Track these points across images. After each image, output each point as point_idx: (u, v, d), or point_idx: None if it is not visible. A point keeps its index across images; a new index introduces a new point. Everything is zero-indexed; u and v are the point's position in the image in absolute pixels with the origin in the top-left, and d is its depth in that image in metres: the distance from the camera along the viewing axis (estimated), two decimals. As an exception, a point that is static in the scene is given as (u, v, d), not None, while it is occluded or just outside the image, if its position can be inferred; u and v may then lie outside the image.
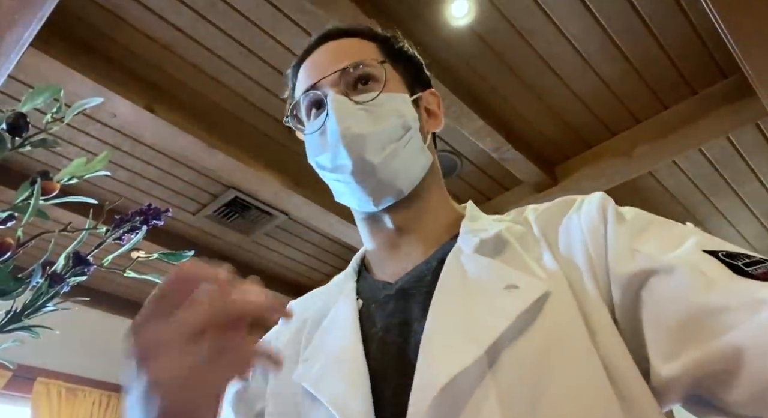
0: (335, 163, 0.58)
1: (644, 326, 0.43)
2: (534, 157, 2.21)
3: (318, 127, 0.59)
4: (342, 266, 2.82)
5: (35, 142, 0.59)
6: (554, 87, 1.96)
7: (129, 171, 2.39)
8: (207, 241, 2.89)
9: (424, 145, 0.61)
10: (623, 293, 0.44)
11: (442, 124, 0.66)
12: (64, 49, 1.73)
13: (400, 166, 0.58)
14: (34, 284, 0.56)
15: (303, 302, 0.67)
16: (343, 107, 0.57)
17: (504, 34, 1.77)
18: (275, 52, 1.86)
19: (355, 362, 0.48)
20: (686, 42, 1.78)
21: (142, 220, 0.63)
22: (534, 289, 0.45)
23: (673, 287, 0.42)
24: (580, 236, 0.49)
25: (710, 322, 0.39)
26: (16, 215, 0.59)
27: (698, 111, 1.96)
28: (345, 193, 0.61)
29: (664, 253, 0.44)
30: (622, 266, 0.45)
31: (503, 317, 0.43)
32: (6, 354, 0.60)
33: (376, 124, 0.57)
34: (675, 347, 0.40)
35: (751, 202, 2.50)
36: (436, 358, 0.43)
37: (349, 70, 0.59)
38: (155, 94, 1.95)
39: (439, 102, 0.67)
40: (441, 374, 0.41)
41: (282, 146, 2.24)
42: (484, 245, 0.52)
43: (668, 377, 0.40)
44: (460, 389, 0.41)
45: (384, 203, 0.58)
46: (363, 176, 0.56)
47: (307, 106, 0.62)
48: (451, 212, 0.63)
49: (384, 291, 0.55)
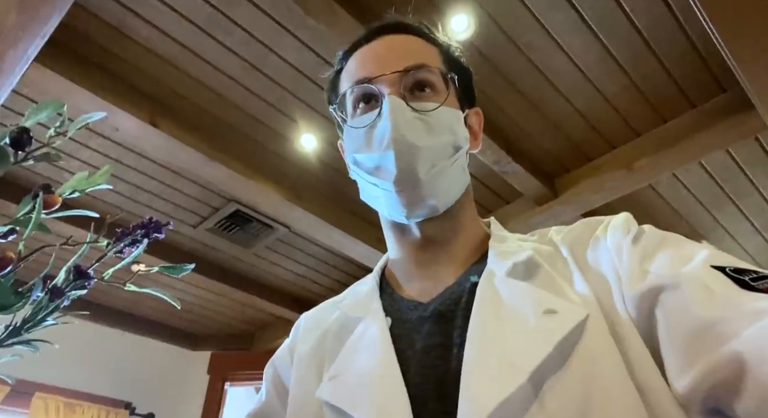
0: (378, 165, 0.55)
1: (660, 345, 0.42)
2: (534, 170, 2.22)
3: (366, 123, 0.56)
4: (343, 279, 2.83)
5: (38, 156, 0.60)
6: (554, 100, 1.98)
7: (130, 184, 2.39)
8: (208, 254, 2.89)
9: (466, 166, 0.60)
10: (638, 313, 0.44)
11: (479, 146, 0.64)
12: (68, 64, 1.74)
13: (442, 185, 0.56)
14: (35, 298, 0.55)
15: (317, 313, 0.65)
16: (400, 112, 0.54)
17: (504, 49, 1.79)
18: (277, 67, 1.87)
19: (393, 385, 0.46)
20: (685, 56, 1.79)
21: (143, 233, 0.63)
22: (573, 314, 0.44)
23: (680, 302, 0.41)
24: (608, 256, 0.49)
25: (713, 333, 0.39)
26: (17, 229, 0.60)
27: (697, 125, 1.97)
28: (378, 198, 0.58)
29: (672, 269, 0.44)
30: (633, 287, 0.44)
31: (544, 343, 0.42)
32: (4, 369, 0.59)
33: (431, 138, 0.54)
34: (685, 361, 0.40)
35: (752, 215, 2.50)
36: (480, 386, 0.42)
37: (411, 72, 0.56)
38: (157, 108, 1.97)
39: (481, 122, 0.65)
40: (486, 403, 0.40)
41: (283, 159, 2.25)
42: (517, 268, 0.51)
43: (682, 393, 0.40)
44: (507, 416, 0.40)
45: (416, 218, 0.57)
46: (405, 188, 0.54)
47: (355, 98, 0.58)
48: (479, 229, 0.61)
49: (416, 312, 0.53)
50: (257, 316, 3.46)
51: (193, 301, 3.30)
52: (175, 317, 3.54)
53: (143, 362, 3.49)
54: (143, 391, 3.39)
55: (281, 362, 0.63)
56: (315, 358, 0.56)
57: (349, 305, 0.59)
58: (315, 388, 0.51)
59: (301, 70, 1.88)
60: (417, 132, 0.54)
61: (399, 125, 0.53)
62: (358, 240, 2.51)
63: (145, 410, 3.36)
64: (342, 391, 0.48)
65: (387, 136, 0.53)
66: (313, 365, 0.55)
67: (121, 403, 3.27)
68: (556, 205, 2.30)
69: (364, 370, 0.49)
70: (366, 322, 0.54)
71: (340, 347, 0.54)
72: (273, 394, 0.61)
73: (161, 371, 3.55)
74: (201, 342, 3.75)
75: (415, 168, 0.53)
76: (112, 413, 3.19)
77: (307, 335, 0.61)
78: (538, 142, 2.16)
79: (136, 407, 3.33)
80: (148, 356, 3.53)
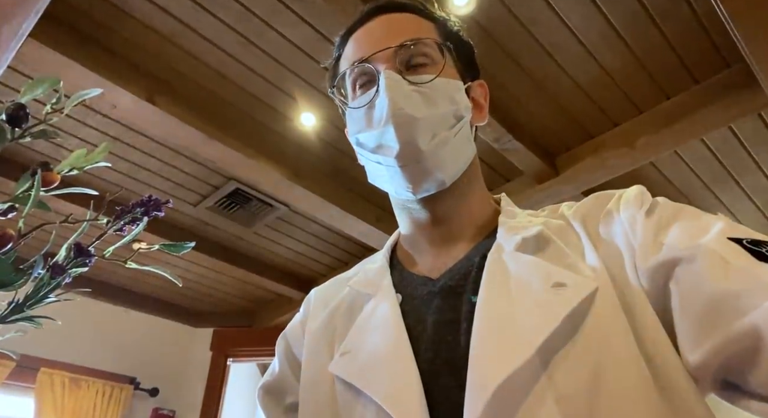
0: (380, 143, 0.55)
1: (674, 317, 0.42)
2: (535, 147, 2.21)
3: (365, 102, 0.56)
4: (342, 257, 2.85)
5: (35, 133, 0.59)
6: (556, 77, 1.95)
7: (129, 162, 2.39)
8: (208, 232, 2.90)
9: (471, 138, 0.59)
10: (652, 285, 0.44)
11: (486, 119, 0.64)
12: (64, 40, 1.72)
13: (447, 156, 0.55)
14: (36, 275, 0.56)
15: (327, 289, 0.65)
16: (397, 86, 0.54)
17: (505, 24, 1.76)
18: (275, 43, 1.85)
19: (404, 362, 0.46)
20: (689, 31, 1.76)
21: (143, 211, 0.63)
22: (582, 287, 0.44)
23: (695, 274, 0.41)
24: (620, 229, 0.48)
25: (731, 305, 0.38)
26: (17, 207, 0.60)
27: (701, 101, 1.95)
28: (383, 177, 0.58)
29: (687, 241, 0.43)
30: (647, 259, 0.44)
31: (552, 316, 0.42)
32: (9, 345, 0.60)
33: (430, 109, 0.54)
34: (700, 334, 0.40)
35: (753, 193, 2.49)
36: (488, 359, 0.42)
37: (407, 47, 0.55)
38: (155, 86, 1.95)
39: (486, 94, 0.64)
40: (494, 375, 0.40)
41: (283, 138, 2.24)
42: (526, 242, 0.51)
43: (695, 365, 0.40)
44: (515, 389, 0.40)
45: (423, 193, 0.56)
46: (408, 161, 0.54)
47: (353, 79, 0.58)
48: (488, 205, 0.61)
49: (426, 287, 0.53)
50: (258, 293, 3.49)
51: (195, 279, 3.32)
52: (177, 294, 3.57)
53: (147, 339, 3.53)
54: (147, 367, 3.45)
55: (293, 336, 0.64)
56: (326, 334, 0.56)
57: (359, 281, 0.59)
58: (327, 363, 0.52)
59: (300, 47, 1.86)
60: (415, 104, 0.54)
61: (396, 99, 0.53)
62: (358, 218, 2.51)
63: (150, 385, 3.41)
64: (354, 367, 0.48)
65: (385, 111, 0.53)
66: (324, 341, 0.56)
67: (125, 378, 3.33)
68: (557, 183, 2.30)
69: (375, 346, 0.49)
70: (377, 299, 0.54)
71: (351, 324, 0.55)
72: (286, 366, 0.62)
73: (165, 347, 3.60)
74: (203, 319, 3.79)
75: (415, 140, 0.53)
76: (117, 387, 3.24)
77: (317, 311, 0.61)
78: (539, 119, 2.15)
79: (141, 382, 3.38)
80: (152, 333, 3.57)
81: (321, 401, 0.51)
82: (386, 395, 0.44)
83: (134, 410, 3.33)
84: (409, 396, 0.43)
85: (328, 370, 0.50)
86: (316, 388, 0.52)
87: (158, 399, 3.44)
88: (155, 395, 3.43)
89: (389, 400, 0.43)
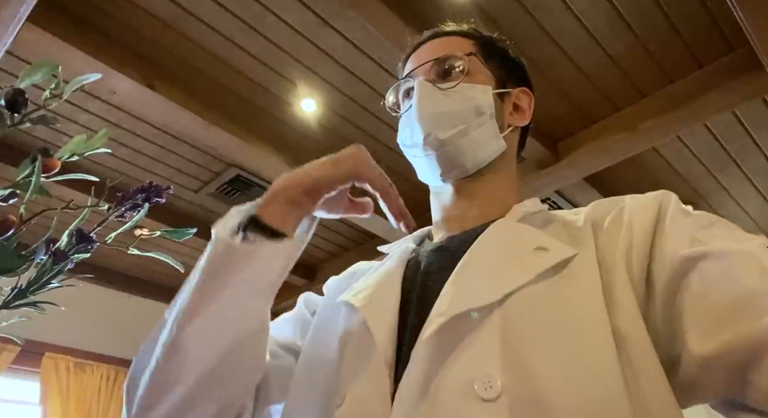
0: (412, 139, 0.64)
1: (685, 308, 0.42)
2: (537, 133, 2.20)
3: (406, 109, 0.66)
4: (344, 244, 2.86)
5: (34, 118, 0.59)
6: (559, 61, 1.94)
7: (130, 149, 2.38)
8: (209, 218, 2.89)
9: (498, 133, 0.65)
10: (671, 276, 0.44)
11: (527, 121, 0.71)
12: (63, 24, 1.70)
13: (467, 145, 0.62)
14: (39, 261, 0.56)
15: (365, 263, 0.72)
16: (426, 91, 0.63)
17: (508, 8, 1.74)
18: (276, 29, 1.83)
19: (391, 287, 0.54)
20: (693, 14, 1.74)
21: (144, 197, 0.63)
22: (561, 252, 0.49)
23: (726, 269, 0.42)
24: (626, 217, 0.50)
25: (755, 305, 0.38)
26: (18, 193, 0.60)
27: (704, 85, 1.93)
28: (421, 168, 0.66)
29: (723, 243, 0.44)
30: (677, 250, 0.45)
31: (526, 272, 0.47)
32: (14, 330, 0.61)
33: (451, 106, 0.63)
34: (716, 326, 0.40)
35: (756, 178, 2.48)
36: (455, 295, 0.47)
37: (440, 60, 0.65)
38: (155, 71, 1.93)
39: (530, 101, 0.72)
40: (454, 307, 0.45)
41: (283, 124, 2.23)
42: (527, 217, 0.57)
43: (701, 356, 0.40)
44: (468, 321, 0.45)
45: (449, 178, 0.64)
46: (431, 149, 0.62)
47: (403, 93, 0.69)
48: (514, 199, 0.65)
49: (431, 247, 0.61)
50: (260, 279, 3.50)
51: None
52: (180, 280, 3.57)
53: (150, 324, 3.50)
54: (151, 352, 3.48)
55: (310, 297, 0.69)
56: (342, 284, 0.64)
57: (389, 248, 0.68)
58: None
59: (300, 31, 1.84)
60: (439, 104, 0.63)
61: (423, 101, 0.63)
62: (360, 204, 2.51)
63: (153, 370, 3.45)
64: (357, 295, 0.55)
65: (414, 111, 0.63)
66: (339, 289, 0.63)
67: (130, 363, 3.35)
68: (559, 168, 2.29)
69: (377, 282, 0.57)
70: (390, 256, 0.63)
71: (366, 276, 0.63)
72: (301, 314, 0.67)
73: (168, 332, 3.63)
74: (206, 305, 3.81)
75: (437, 131, 0.62)
76: (122, 372, 3.27)
77: (343, 277, 0.69)
78: (541, 104, 2.12)
79: (145, 367, 3.42)
80: (155, 318, 3.55)
81: (327, 316, 0.59)
82: (365, 305, 0.52)
83: (139, 394, 3.37)
84: (384, 310, 0.51)
85: (338, 299, 0.57)
86: (325, 312, 0.61)
87: (162, 383, 3.48)
88: (159, 380, 3.47)
89: (372, 317, 0.51)
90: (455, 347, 0.44)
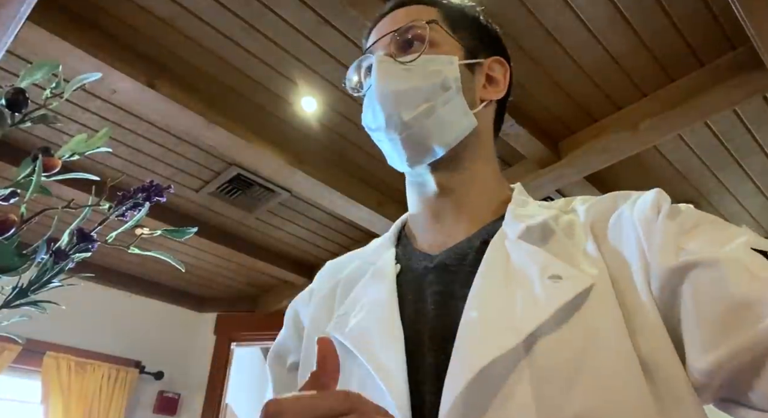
0: (374, 121, 0.59)
1: (682, 320, 0.42)
2: (537, 132, 2.19)
3: (366, 88, 0.60)
4: (344, 242, 2.85)
5: (35, 118, 0.59)
6: (560, 60, 1.93)
7: (131, 148, 2.38)
8: (210, 218, 2.90)
9: (468, 109, 0.59)
10: (662, 288, 0.43)
11: (503, 94, 0.64)
12: (64, 24, 1.70)
13: (433, 125, 0.56)
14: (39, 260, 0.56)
15: (339, 262, 0.67)
16: (385, 67, 0.58)
17: (508, 5, 1.74)
18: (277, 27, 1.83)
19: (390, 324, 0.49)
20: (694, 12, 1.74)
21: (145, 196, 0.63)
22: (577, 281, 0.45)
23: (715, 279, 0.41)
24: (632, 229, 0.48)
25: (748, 313, 0.38)
26: (19, 192, 0.60)
27: (705, 83, 1.93)
28: (388, 153, 0.60)
29: (709, 248, 0.43)
30: (664, 261, 0.44)
31: (544, 307, 0.43)
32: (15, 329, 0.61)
33: (413, 82, 0.57)
34: (713, 338, 0.39)
35: (756, 176, 2.48)
36: (474, 342, 0.43)
37: (401, 31, 0.59)
38: (155, 70, 1.93)
39: (506, 71, 0.65)
40: (477, 360, 0.41)
41: (284, 123, 2.23)
42: (530, 232, 0.51)
43: (703, 369, 0.39)
44: (495, 373, 0.41)
45: (417, 163, 0.58)
46: (394, 132, 0.57)
47: (365, 71, 0.63)
48: (499, 190, 0.61)
49: (423, 262, 0.55)
50: (261, 279, 3.51)
51: (198, 264, 3.34)
52: (181, 279, 3.59)
53: (151, 323, 3.57)
54: (152, 351, 3.48)
55: (302, 302, 0.66)
56: (329, 299, 0.60)
57: (366, 252, 0.63)
58: (327, 324, 0.54)
59: (301, 30, 1.84)
60: (400, 80, 0.57)
61: (383, 78, 0.57)
62: (360, 204, 2.51)
63: (155, 368, 3.45)
64: (346, 326, 0.51)
65: (373, 90, 0.57)
66: (326, 305, 0.59)
67: (131, 362, 3.36)
68: (559, 167, 2.29)
69: (367, 310, 0.52)
70: (377, 266, 0.57)
71: (352, 290, 0.58)
72: (292, 330, 0.64)
73: (169, 331, 3.64)
74: (207, 304, 3.81)
75: (398, 112, 0.56)
76: (123, 371, 3.28)
77: (326, 281, 0.64)
78: (542, 103, 2.13)
79: (146, 365, 3.42)
80: (156, 318, 3.60)
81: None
82: (371, 355, 0.46)
83: (140, 393, 3.37)
84: (392, 360, 0.46)
85: (326, 330, 0.52)
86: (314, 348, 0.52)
87: (163, 382, 3.48)
88: (160, 378, 3.47)
89: (374, 360, 0.46)
90: (487, 405, 0.41)
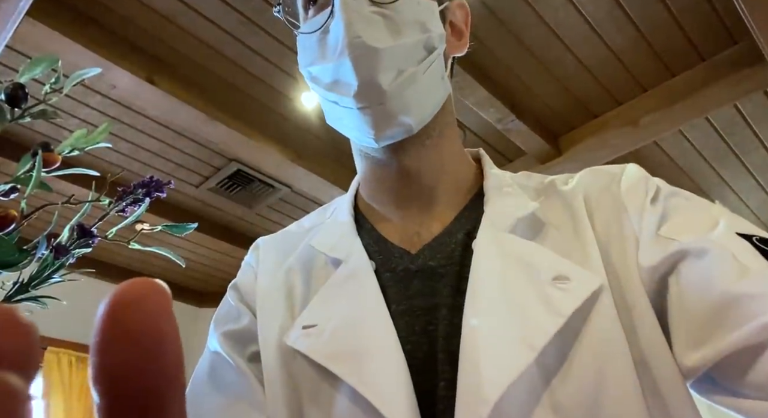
0: (336, 78, 0.46)
1: (669, 312, 0.41)
2: (538, 127, 2.19)
3: (317, 27, 0.46)
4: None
5: (35, 113, 0.59)
6: (560, 55, 1.93)
7: (131, 143, 2.38)
8: (210, 213, 2.90)
9: (445, 74, 0.49)
10: (652, 281, 0.41)
11: (465, 49, 0.54)
12: (64, 19, 1.70)
13: (414, 96, 0.45)
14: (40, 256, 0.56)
15: (279, 242, 0.55)
16: (355, 7, 0.44)
17: (509, 1, 1.73)
18: (276, 23, 1.82)
19: (387, 343, 0.40)
20: (695, 7, 1.73)
21: (145, 192, 0.63)
22: (586, 282, 0.40)
23: (704, 272, 0.39)
24: (626, 220, 0.44)
25: (739, 309, 0.37)
26: (19, 187, 0.60)
27: (706, 78, 1.93)
28: (342, 119, 0.48)
29: (694, 235, 0.41)
30: (651, 253, 0.41)
31: (556, 314, 0.38)
32: (15, 324, 0.61)
33: (395, 38, 0.45)
34: (701, 335, 0.38)
35: (757, 171, 2.48)
36: (484, 363, 0.37)
37: None
38: (155, 66, 1.93)
39: (467, 18, 0.54)
40: (490, 389, 0.35)
41: (284, 119, 2.22)
42: (521, 224, 0.45)
43: (692, 364, 0.38)
44: (513, 400, 0.35)
45: (387, 140, 0.47)
46: (368, 102, 0.44)
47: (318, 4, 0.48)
48: (466, 163, 0.53)
49: (402, 262, 0.46)
50: (261, 274, 3.51)
51: (198, 259, 3.34)
52: (181, 275, 3.60)
53: (151, 319, 3.57)
54: (152, 346, 3.49)
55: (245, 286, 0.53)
56: (282, 298, 0.48)
57: (324, 243, 0.50)
58: (285, 328, 0.45)
59: (301, 25, 1.83)
60: (377, 31, 0.44)
61: (353, 24, 0.43)
62: (361, 199, 2.51)
63: (155, 364, 3.46)
64: (323, 346, 0.41)
65: (341, 40, 0.44)
66: (280, 304, 0.48)
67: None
68: (560, 163, 2.29)
69: (350, 327, 0.42)
70: (348, 266, 0.46)
71: (310, 288, 0.48)
72: (246, 316, 0.51)
73: (169, 327, 3.65)
74: (207, 299, 3.82)
75: (377, 77, 0.44)
76: (124, 367, 3.29)
77: (269, 266, 0.52)
78: (542, 98, 2.13)
79: (147, 361, 3.43)
80: (156, 313, 3.61)
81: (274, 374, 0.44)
82: (371, 388, 0.38)
83: (141, 388, 3.39)
84: (399, 392, 0.38)
85: (288, 344, 0.43)
86: (271, 358, 0.45)
87: (164, 377, 3.50)
88: (161, 374, 3.48)
89: (376, 396, 0.37)
90: None
